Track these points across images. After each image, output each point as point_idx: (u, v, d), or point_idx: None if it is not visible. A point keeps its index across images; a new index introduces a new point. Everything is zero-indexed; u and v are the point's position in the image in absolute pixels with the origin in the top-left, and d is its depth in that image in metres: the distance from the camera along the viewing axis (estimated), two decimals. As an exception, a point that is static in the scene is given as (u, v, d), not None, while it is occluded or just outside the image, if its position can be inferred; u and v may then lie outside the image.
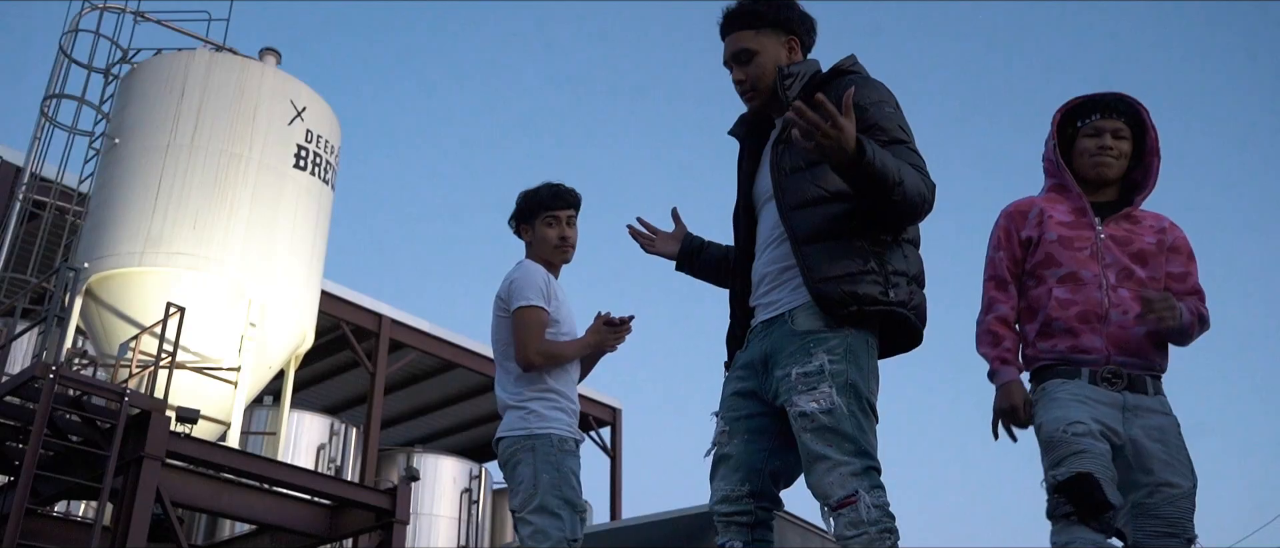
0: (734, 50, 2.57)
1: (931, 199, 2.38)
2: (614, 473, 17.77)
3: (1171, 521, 2.65)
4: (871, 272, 2.34)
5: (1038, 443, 2.75)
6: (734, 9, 2.59)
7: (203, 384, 9.71)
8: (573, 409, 3.34)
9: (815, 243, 2.36)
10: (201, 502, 9.23)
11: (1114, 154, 2.86)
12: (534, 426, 3.22)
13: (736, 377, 2.55)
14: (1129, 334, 2.76)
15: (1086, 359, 2.76)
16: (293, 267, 10.60)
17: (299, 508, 9.72)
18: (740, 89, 2.59)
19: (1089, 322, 2.78)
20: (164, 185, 10.17)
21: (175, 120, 10.50)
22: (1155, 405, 2.73)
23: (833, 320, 2.34)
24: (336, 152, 11.68)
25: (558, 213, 3.44)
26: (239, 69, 11.00)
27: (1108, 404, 2.69)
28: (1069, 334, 2.78)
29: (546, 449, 3.19)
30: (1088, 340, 2.77)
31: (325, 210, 11.36)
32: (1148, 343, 2.78)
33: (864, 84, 2.46)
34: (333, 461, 14.29)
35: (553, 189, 3.47)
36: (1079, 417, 2.64)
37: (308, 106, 11.22)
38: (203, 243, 9.98)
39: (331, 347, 15.03)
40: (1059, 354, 2.79)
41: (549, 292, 3.36)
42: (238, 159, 10.49)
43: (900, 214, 2.35)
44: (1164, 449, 2.68)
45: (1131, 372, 2.74)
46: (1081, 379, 2.74)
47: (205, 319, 9.70)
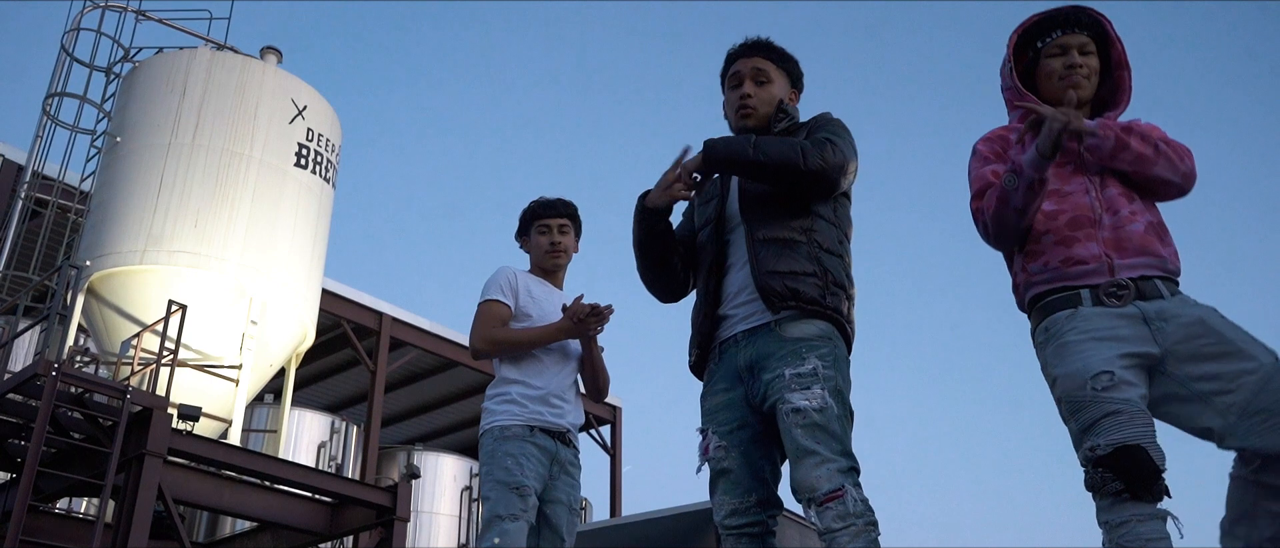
0: (753, 68, 2.80)
1: (812, 154, 2.59)
2: (614, 471, 17.81)
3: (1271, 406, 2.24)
4: (812, 273, 2.56)
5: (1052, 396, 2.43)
6: (764, 40, 2.84)
7: (204, 382, 9.74)
8: (532, 395, 3.39)
9: (769, 243, 2.60)
10: (203, 499, 9.26)
11: (1084, 72, 2.57)
12: (483, 424, 3.43)
13: (720, 388, 2.61)
14: (1127, 232, 2.43)
15: (1084, 272, 2.42)
16: (293, 265, 10.62)
17: (300, 505, 9.76)
18: (743, 103, 2.77)
19: (1081, 227, 2.46)
20: (165, 184, 10.19)
21: (176, 119, 10.53)
22: (1179, 307, 2.36)
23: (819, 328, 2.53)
24: (337, 150, 11.71)
25: (548, 221, 3.66)
26: (240, 68, 11.03)
27: (1126, 322, 2.35)
28: (1062, 245, 2.46)
29: (488, 443, 3.34)
30: (1082, 248, 2.44)
31: (326, 209, 11.39)
32: (1151, 237, 2.44)
33: (825, 117, 2.81)
34: (333, 458, 14.31)
35: (545, 200, 3.71)
36: (1099, 365, 2.30)
37: (308, 105, 11.25)
38: (204, 241, 10.01)
39: (332, 345, 15.06)
40: (1053, 272, 2.46)
41: (517, 289, 3.53)
42: (239, 158, 10.52)
43: (779, 173, 2.59)
44: (1215, 341, 2.30)
45: (1138, 277, 2.39)
46: (1084, 305, 2.39)
47: (206, 317, 9.73)
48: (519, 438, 3.30)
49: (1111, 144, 2.46)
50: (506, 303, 3.50)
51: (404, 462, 15.21)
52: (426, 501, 14.84)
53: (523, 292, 3.55)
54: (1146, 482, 2.23)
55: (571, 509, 3.41)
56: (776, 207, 2.65)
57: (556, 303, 3.59)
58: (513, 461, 3.25)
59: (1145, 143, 2.46)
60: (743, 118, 2.78)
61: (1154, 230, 2.47)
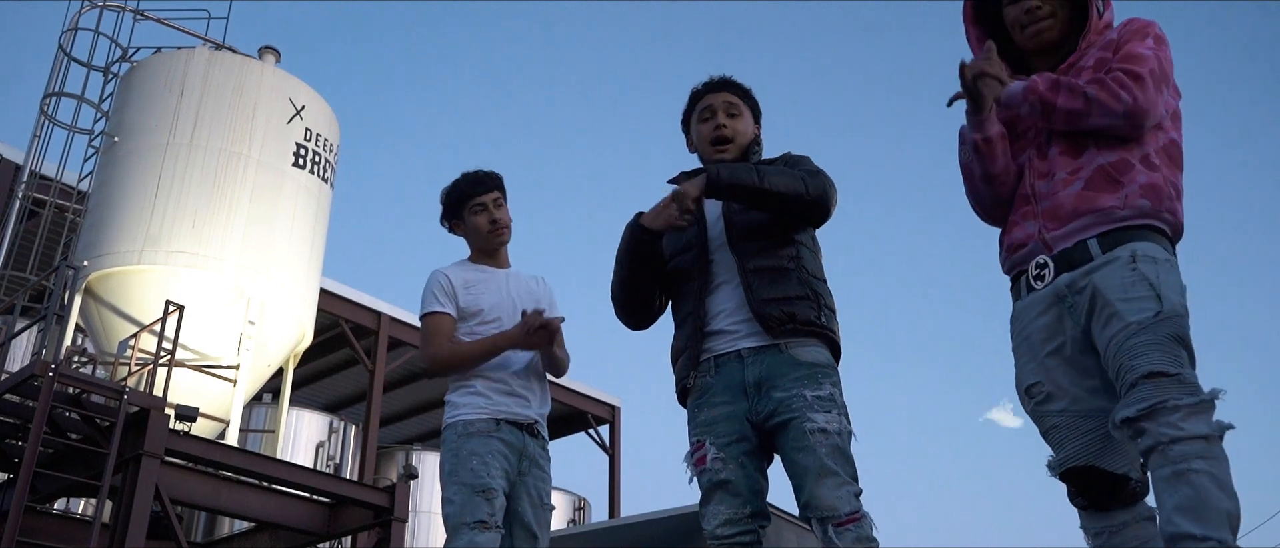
0: (727, 101, 2.90)
1: (814, 185, 2.70)
2: (613, 470, 17.79)
3: (1121, 373, 2.04)
4: (806, 297, 2.67)
5: None
6: (732, 79, 2.96)
7: (202, 382, 9.73)
8: (497, 387, 3.21)
9: (761, 273, 2.68)
10: (200, 499, 9.25)
11: (1045, 12, 2.41)
12: (446, 417, 3.26)
13: (719, 401, 2.64)
14: (1060, 198, 2.25)
15: (1021, 257, 2.32)
16: (292, 265, 10.62)
17: (298, 506, 9.75)
18: (718, 135, 2.86)
19: (1020, 207, 2.35)
20: (163, 184, 10.19)
21: (174, 119, 10.52)
22: (1096, 265, 2.16)
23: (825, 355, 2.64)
24: (336, 150, 11.70)
25: (482, 199, 3.40)
26: (238, 68, 11.02)
27: (1045, 310, 2.22)
28: (1006, 231, 2.38)
29: (450, 439, 3.18)
30: (1020, 231, 2.33)
31: (324, 209, 11.38)
32: (1092, 190, 2.22)
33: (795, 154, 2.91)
34: (331, 458, 14.31)
35: (470, 177, 3.43)
36: (1030, 376, 2.24)
37: (307, 105, 11.24)
38: (202, 241, 10.00)
39: (330, 344, 15.05)
40: (1006, 262, 2.38)
41: (454, 290, 3.32)
42: (237, 157, 10.51)
43: (784, 201, 2.67)
44: (1103, 306, 2.11)
45: (1072, 245, 2.21)
46: (1020, 299, 2.32)
47: (204, 317, 9.71)
48: (484, 434, 3.11)
49: (1028, 110, 2.28)
50: (447, 311, 3.29)
51: (402, 462, 15.21)
52: (425, 500, 14.83)
53: (461, 290, 3.33)
54: (1110, 494, 2.16)
55: (542, 504, 3.21)
56: (764, 236, 2.73)
57: (501, 284, 3.37)
58: (479, 460, 3.06)
59: (1073, 96, 2.23)
60: (719, 149, 2.85)
61: (1103, 176, 2.22)
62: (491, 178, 3.43)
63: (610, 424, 18.12)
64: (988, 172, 2.39)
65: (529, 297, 3.39)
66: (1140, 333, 2.04)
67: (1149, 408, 1.97)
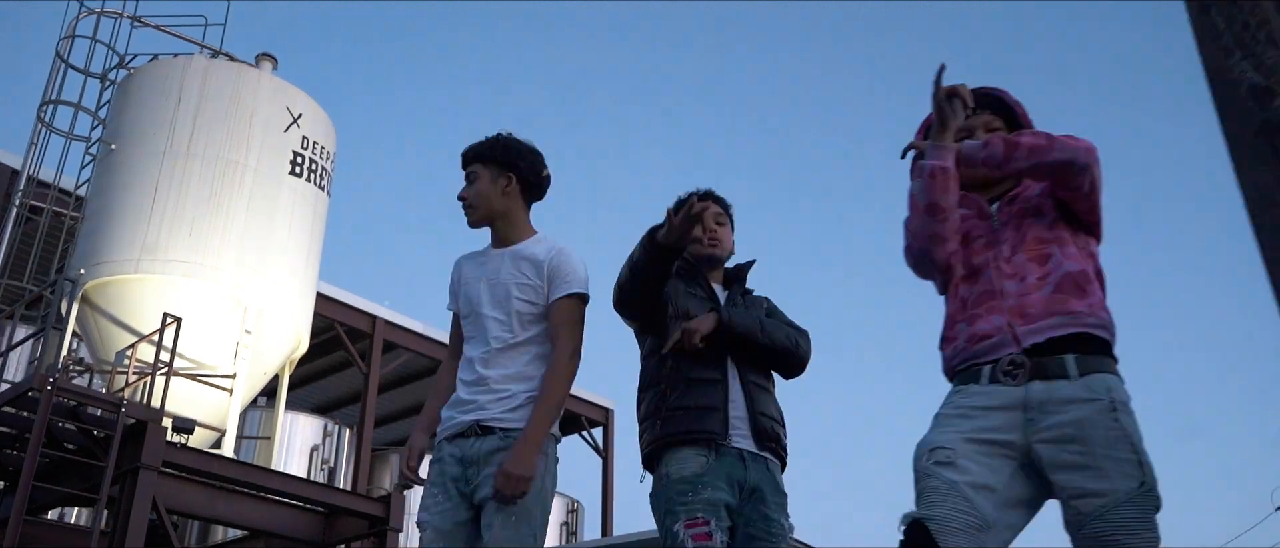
0: (714, 213, 3.17)
1: (804, 346, 3.07)
2: (606, 473, 17.84)
3: (1101, 538, 2.05)
4: (781, 421, 3.00)
5: None
6: (712, 191, 3.22)
7: (198, 391, 9.77)
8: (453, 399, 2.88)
9: (757, 387, 2.96)
10: (196, 509, 9.31)
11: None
12: None
13: (721, 486, 2.78)
14: (1031, 298, 2.28)
15: (985, 347, 2.29)
16: (288, 274, 10.65)
17: (293, 515, 9.82)
18: (714, 237, 3.16)
19: (983, 302, 2.34)
20: (160, 192, 10.21)
21: (172, 126, 10.53)
22: (1074, 392, 2.15)
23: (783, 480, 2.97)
24: (332, 157, 11.73)
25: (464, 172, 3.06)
26: (235, 75, 11.03)
27: (1003, 408, 2.20)
28: (967, 323, 2.35)
29: None
30: (985, 323, 2.31)
31: (321, 216, 11.41)
32: (1063, 294, 2.27)
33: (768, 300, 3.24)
34: (326, 462, 14.34)
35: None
36: (942, 440, 2.18)
37: (304, 113, 11.27)
38: (199, 250, 10.03)
39: (325, 347, 15.06)
40: (961, 352, 2.34)
41: (457, 282, 3.03)
42: (234, 166, 10.54)
43: (778, 356, 3.00)
44: (1081, 451, 2.10)
45: (1041, 353, 2.21)
46: (979, 383, 2.26)
47: (201, 326, 9.74)
48: (432, 462, 2.85)
49: (1000, 150, 2.36)
50: (455, 309, 3.03)
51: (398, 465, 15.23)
52: (419, 505, 14.85)
53: (456, 282, 3.03)
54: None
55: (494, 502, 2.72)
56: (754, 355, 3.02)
57: (485, 276, 2.96)
58: (425, 494, 2.82)
59: (1036, 136, 2.36)
60: (712, 247, 3.16)
61: (1071, 284, 2.27)
62: (467, 148, 3.02)
63: (604, 427, 18.15)
64: (934, 201, 2.38)
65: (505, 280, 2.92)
66: (1128, 506, 2.06)
67: None
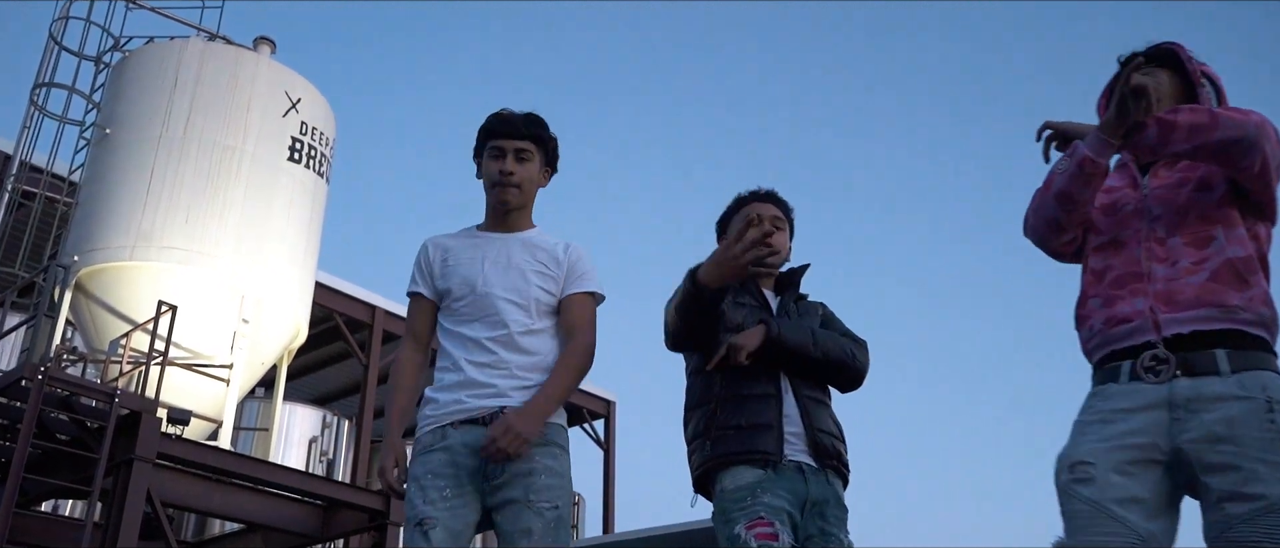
0: (773, 216, 3.00)
1: (861, 357, 2.88)
2: (607, 466, 17.68)
3: (1246, 546, 1.90)
4: (840, 436, 2.82)
5: None
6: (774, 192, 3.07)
7: (194, 381, 9.56)
8: (453, 380, 2.61)
9: (812, 402, 2.79)
10: (192, 501, 9.12)
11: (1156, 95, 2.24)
12: None
13: (784, 495, 2.64)
14: (1181, 283, 2.10)
15: (1127, 332, 2.13)
16: (287, 262, 10.44)
17: (291, 508, 9.63)
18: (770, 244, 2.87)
19: (1127, 284, 2.17)
20: (156, 178, 9.99)
21: (168, 111, 10.32)
22: (1225, 389, 1.99)
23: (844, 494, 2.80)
24: (331, 144, 11.51)
25: (501, 143, 2.74)
26: (233, 59, 10.82)
27: (1146, 408, 2.04)
28: (1106, 305, 2.19)
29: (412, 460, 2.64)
30: (1125, 305, 2.15)
31: (319, 204, 11.20)
32: (1218, 284, 2.09)
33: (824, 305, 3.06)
34: (325, 453, 14.14)
35: (503, 114, 2.79)
36: (1082, 453, 2.05)
37: (302, 98, 11.05)
38: (195, 238, 9.82)
39: (324, 338, 14.87)
40: (1099, 336, 2.18)
41: (432, 265, 2.75)
42: (231, 152, 10.32)
43: (832, 369, 2.82)
44: (1233, 451, 1.94)
45: (1185, 345, 2.05)
46: (1119, 382, 2.11)
47: (197, 316, 9.54)
48: (428, 450, 2.54)
49: (1153, 133, 2.13)
50: (419, 291, 2.75)
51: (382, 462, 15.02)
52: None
53: (438, 263, 2.74)
54: None
55: (531, 508, 2.47)
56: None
57: (490, 258, 2.71)
58: (417, 486, 2.51)
59: (1195, 112, 2.11)
60: (769, 256, 2.85)
61: (1232, 272, 2.09)
62: (527, 121, 2.76)
63: (606, 419, 18.00)
64: (1069, 191, 2.22)
65: (521, 264, 2.71)
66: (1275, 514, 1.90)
67: None
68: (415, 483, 2.54)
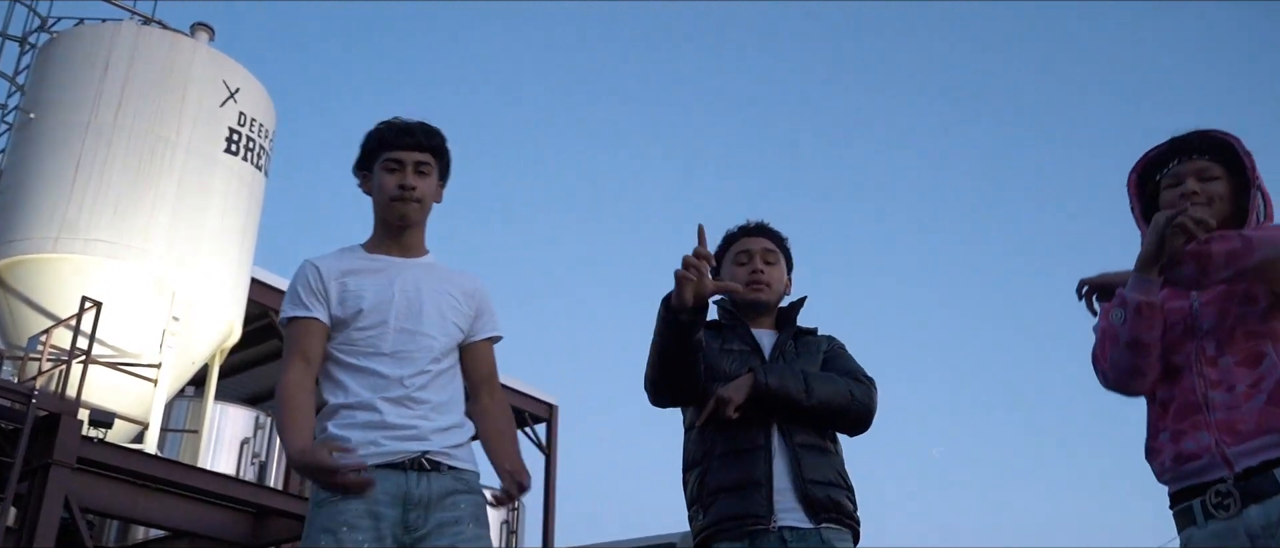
0: (762, 248, 2.84)
1: (862, 398, 2.67)
2: (549, 471, 17.43)
3: None
4: (842, 485, 2.62)
5: None
6: (767, 225, 2.91)
7: (119, 381, 9.14)
8: (364, 419, 2.33)
9: (807, 449, 2.60)
10: (115, 507, 8.72)
11: (1201, 199, 2.28)
12: None
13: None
14: (1242, 411, 2.11)
15: (1197, 469, 2.14)
16: (221, 258, 10.06)
17: (220, 514, 9.26)
18: (755, 278, 2.80)
19: (1189, 415, 2.18)
20: (83, 167, 9.56)
21: (97, 97, 9.88)
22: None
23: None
24: (271, 136, 11.13)
25: (399, 155, 2.51)
26: (168, 45, 10.41)
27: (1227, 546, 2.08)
28: (1174, 440, 2.19)
29: (310, 507, 2.30)
30: (1191, 441, 2.15)
31: (257, 198, 10.83)
32: (1275, 407, 2.09)
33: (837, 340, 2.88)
34: (257, 455, 13.66)
35: (397, 123, 2.58)
36: None
37: (241, 88, 10.67)
38: (124, 230, 9.40)
39: (258, 335, 14.41)
40: (1171, 472, 2.19)
41: (325, 287, 2.45)
42: (164, 142, 9.91)
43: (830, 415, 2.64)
44: None
45: (1257, 464, 2.07)
46: (1197, 526, 2.13)
47: (124, 312, 9.14)
48: (337, 499, 2.22)
49: (1192, 271, 2.16)
50: (313, 316, 2.42)
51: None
52: (354, 501, 14.30)
53: (334, 284, 2.45)
54: None
55: None
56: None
57: (392, 275, 2.49)
58: (331, 540, 2.19)
59: (1226, 240, 2.13)
60: (756, 291, 2.80)
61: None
62: (426, 132, 2.56)
63: (548, 423, 17.74)
64: (1137, 337, 2.21)
65: (434, 295, 2.51)
66: None
67: None
68: (328, 535, 2.22)
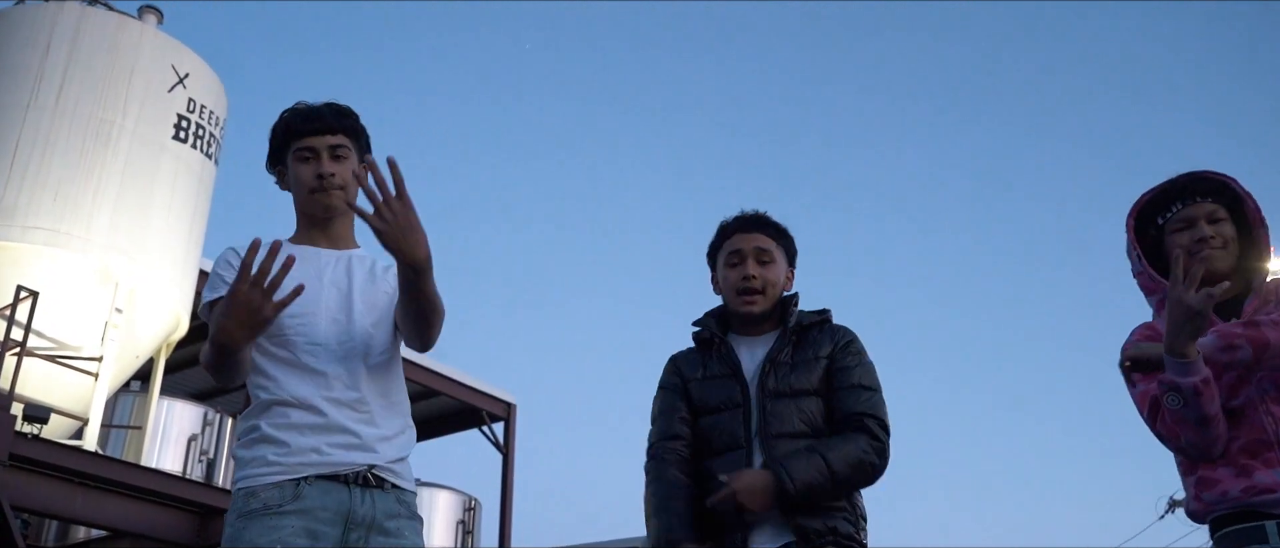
0: (756, 247, 2.63)
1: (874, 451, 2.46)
2: (506, 470, 17.18)
3: None
4: (844, 510, 2.43)
5: None
6: (763, 214, 2.70)
7: (57, 374, 8.76)
8: (304, 423, 2.13)
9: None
10: (52, 506, 8.35)
11: (1217, 243, 2.30)
12: (235, 479, 2.20)
13: None
14: None
15: (1270, 501, 2.15)
16: (167, 248, 9.70)
17: (163, 514, 8.92)
18: (746, 285, 2.60)
19: (1258, 453, 2.18)
20: (21, 150, 9.16)
21: (38, 78, 9.47)
22: None
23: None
24: (221, 124, 10.78)
25: (311, 142, 2.30)
26: (114, 26, 10.01)
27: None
28: (1242, 475, 2.19)
29: (229, 517, 2.11)
30: (1263, 476, 2.16)
31: (207, 187, 10.47)
32: None
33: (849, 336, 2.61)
34: (205, 452, 13.26)
35: (302, 110, 2.36)
36: None
37: (191, 73, 10.30)
38: (64, 217, 9.02)
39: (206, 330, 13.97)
40: (1233, 501, 2.19)
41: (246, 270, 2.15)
42: (109, 126, 9.53)
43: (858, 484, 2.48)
44: None
45: None
46: (1273, 540, 2.13)
47: (63, 302, 8.76)
48: (272, 511, 2.03)
49: (1248, 354, 2.14)
50: None
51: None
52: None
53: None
54: None
55: None
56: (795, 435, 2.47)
57: (319, 267, 2.29)
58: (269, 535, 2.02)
59: (1275, 327, 2.14)
60: (747, 304, 2.60)
61: None
62: (334, 113, 2.34)
63: (505, 422, 17.49)
64: (1203, 414, 2.15)
65: (366, 288, 2.31)
66: None
67: None
68: (265, 526, 2.02)
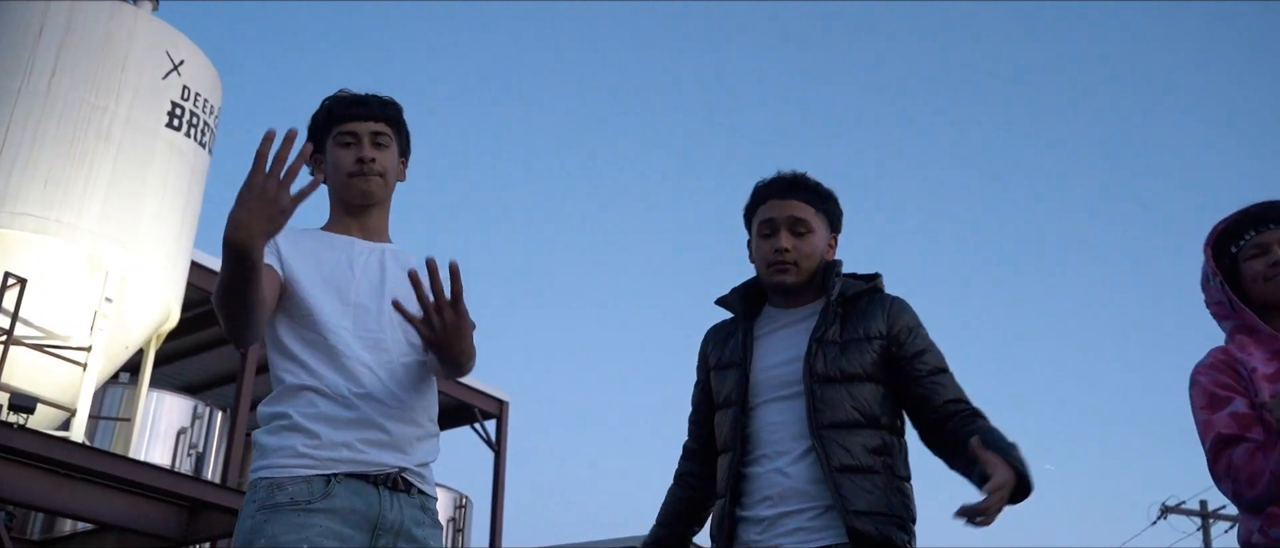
0: (789, 216, 2.36)
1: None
2: (498, 467, 17.07)
3: None
4: (899, 515, 2.20)
5: None
6: (800, 177, 2.43)
7: (45, 364, 8.62)
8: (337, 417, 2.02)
9: (849, 473, 2.18)
10: (37, 499, 8.18)
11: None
12: (251, 471, 2.07)
13: None
14: None
15: None
16: (159, 237, 9.56)
17: (152, 508, 8.75)
18: (779, 258, 2.35)
19: None
20: (12, 136, 9.01)
21: (30, 63, 9.32)
22: None
23: None
24: (216, 112, 10.63)
25: (353, 127, 2.24)
26: (107, 12, 9.86)
27: None
28: None
29: (247, 511, 1.99)
30: None
31: (200, 176, 10.33)
32: None
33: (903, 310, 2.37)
34: (194, 446, 13.14)
35: (344, 96, 2.30)
36: None
37: (185, 60, 10.16)
38: (55, 205, 8.87)
39: (198, 321, 13.81)
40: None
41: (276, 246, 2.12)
42: (101, 113, 9.38)
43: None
44: None
45: None
46: None
47: (52, 291, 8.62)
48: (299, 507, 1.93)
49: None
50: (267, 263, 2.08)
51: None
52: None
53: (285, 241, 2.14)
54: None
55: None
56: (850, 425, 2.23)
57: (365, 260, 2.20)
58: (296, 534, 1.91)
59: None
60: (779, 274, 2.35)
61: None
62: (380, 103, 2.29)
63: (498, 420, 17.38)
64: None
65: (400, 279, 2.20)
66: None
67: None
68: (289, 524, 1.91)
